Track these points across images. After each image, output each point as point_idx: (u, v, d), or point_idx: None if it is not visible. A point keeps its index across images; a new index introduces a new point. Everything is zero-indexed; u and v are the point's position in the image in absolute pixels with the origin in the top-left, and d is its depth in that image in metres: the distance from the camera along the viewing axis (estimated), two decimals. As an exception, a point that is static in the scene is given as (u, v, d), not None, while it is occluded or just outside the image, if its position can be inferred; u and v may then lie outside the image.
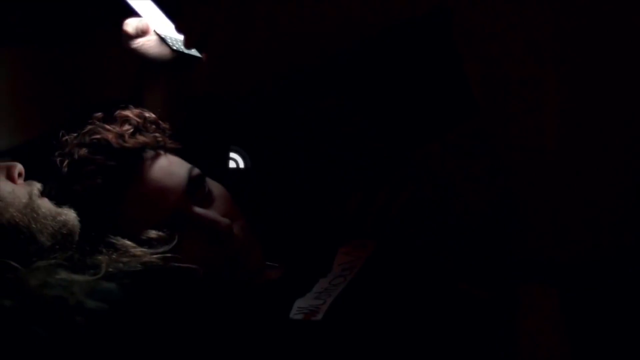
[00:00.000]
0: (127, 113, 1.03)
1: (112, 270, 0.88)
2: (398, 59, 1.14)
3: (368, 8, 1.15)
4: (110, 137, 0.99)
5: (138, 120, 1.02)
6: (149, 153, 1.01)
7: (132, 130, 1.01)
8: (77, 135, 1.01)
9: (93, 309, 0.82)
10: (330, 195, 1.16)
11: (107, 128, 1.00)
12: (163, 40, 1.10)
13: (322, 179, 1.17)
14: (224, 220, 1.00)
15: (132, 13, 1.09)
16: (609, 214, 1.15)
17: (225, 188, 1.06)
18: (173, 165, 1.02)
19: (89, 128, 1.01)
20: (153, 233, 0.96)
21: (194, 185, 1.01)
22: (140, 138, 1.01)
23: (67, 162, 0.99)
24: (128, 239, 0.94)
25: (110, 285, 0.86)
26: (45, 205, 0.91)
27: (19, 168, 0.92)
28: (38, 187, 0.92)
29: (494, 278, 1.06)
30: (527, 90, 1.13)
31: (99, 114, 1.02)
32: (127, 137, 1.00)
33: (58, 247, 0.89)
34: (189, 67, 1.13)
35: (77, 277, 0.85)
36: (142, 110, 1.04)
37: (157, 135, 1.03)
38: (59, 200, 0.93)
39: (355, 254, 1.04)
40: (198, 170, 1.02)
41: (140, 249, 0.93)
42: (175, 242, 0.96)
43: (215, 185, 1.05)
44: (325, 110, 1.17)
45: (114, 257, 0.90)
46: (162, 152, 1.03)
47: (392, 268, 1.02)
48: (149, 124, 1.04)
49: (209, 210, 1.01)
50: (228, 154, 1.24)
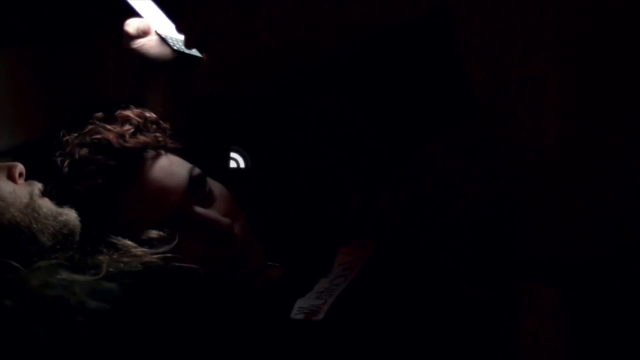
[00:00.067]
0: (127, 113, 1.03)
1: (113, 270, 0.88)
2: (398, 59, 1.14)
3: (368, 8, 1.15)
4: (111, 137, 0.99)
5: (139, 120, 1.02)
6: (150, 153, 1.01)
7: (132, 130, 1.01)
8: (77, 135, 1.01)
9: (94, 309, 0.81)
10: (331, 195, 1.16)
11: (107, 128, 1.00)
12: (164, 41, 1.10)
13: (322, 179, 1.17)
14: (225, 220, 1.00)
15: (132, 13, 1.09)
16: (609, 214, 1.15)
17: (226, 188, 1.06)
18: (174, 165, 1.02)
19: (90, 128, 1.01)
20: (154, 233, 0.96)
21: (195, 185, 1.01)
22: (141, 138, 1.01)
23: (67, 162, 0.99)
24: (129, 239, 0.94)
25: (111, 285, 0.85)
26: (46, 205, 0.91)
27: (20, 168, 0.92)
28: (39, 187, 0.92)
29: (495, 278, 1.06)
30: (527, 91, 1.14)
31: (100, 114, 1.02)
32: (127, 137, 1.00)
33: (59, 247, 0.89)
34: (190, 67, 1.13)
35: (78, 277, 0.85)
36: (142, 110, 1.04)
37: (157, 135, 1.03)
38: (60, 200, 0.93)
39: (356, 254, 1.04)
40: (199, 170, 1.02)
41: (141, 249, 0.93)
42: (176, 242, 0.95)
43: (216, 185, 1.05)
44: (326, 110, 1.17)
45: (115, 257, 0.90)
46: (162, 152, 1.03)
47: (392, 268, 1.02)
48: (150, 124, 1.03)
49: (210, 210, 1.00)
50: (229, 154, 1.24)
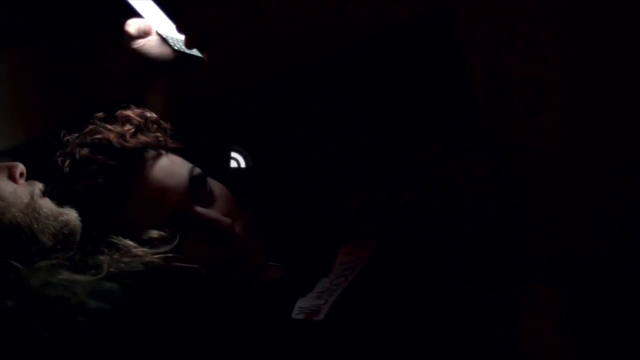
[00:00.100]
0: (128, 113, 1.03)
1: (113, 270, 0.88)
2: (399, 59, 1.14)
3: (368, 8, 1.15)
4: (112, 136, 0.99)
5: (139, 120, 1.02)
6: (151, 153, 1.01)
7: (133, 130, 1.01)
8: (78, 135, 1.01)
9: (95, 309, 0.81)
10: (332, 195, 1.16)
11: (108, 128, 1.00)
12: (164, 41, 1.10)
13: (322, 179, 1.17)
14: (226, 220, 1.00)
15: (132, 13, 1.09)
16: (609, 214, 1.15)
17: (227, 188, 1.06)
18: (174, 165, 1.02)
19: (90, 128, 1.01)
20: (154, 233, 0.96)
21: (196, 185, 1.01)
22: (142, 138, 1.01)
23: (68, 162, 0.98)
24: (129, 239, 0.94)
25: (112, 285, 0.85)
26: (47, 205, 0.91)
27: (21, 168, 0.92)
28: (40, 187, 0.92)
29: (495, 277, 1.06)
30: (528, 91, 1.14)
31: (100, 114, 1.02)
32: (128, 136, 1.00)
33: (60, 247, 0.89)
34: (191, 67, 1.13)
35: (78, 277, 0.85)
36: (143, 110, 1.04)
37: (158, 135, 1.03)
38: (61, 200, 0.93)
39: (357, 254, 1.04)
40: (199, 170, 1.02)
41: (142, 249, 0.93)
42: (177, 241, 0.95)
43: (217, 185, 1.04)
44: (326, 110, 1.17)
45: (116, 257, 0.90)
46: (163, 151, 1.03)
47: (393, 268, 1.02)
48: (151, 124, 1.04)
49: (211, 210, 1.00)
50: (229, 154, 1.24)
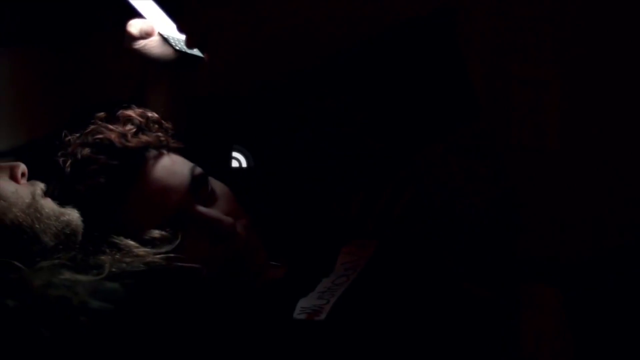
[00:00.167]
0: (129, 113, 1.03)
1: (115, 271, 0.87)
2: (401, 59, 1.14)
3: (371, 8, 1.15)
4: (113, 136, 0.99)
5: (141, 120, 1.02)
6: (152, 152, 1.01)
7: (134, 130, 1.01)
8: (79, 135, 1.01)
9: (96, 309, 0.81)
10: (332, 195, 1.16)
11: (109, 128, 1.00)
12: (166, 41, 1.10)
13: (323, 179, 1.17)
14: (227, 219, 1.00)
15: (133, 13, 1.09)
16: (610, 214, 1.15)
17: (228, 187, 1.06)
18: (176, 165, 1.02)
19: (92, 128, 1.01)
20: (156, 233, 0.96)
21: (197, 184, 1.01)
22: (143, 137, 1.01)
23: (70, 162, 0.98)
24: (131, 239, 0.93)
25: (114, 285, 0.85)
26: (49, 205, 0.91)
27: (22, 168, 0.92)
28: (41, 187, 0.92)
29: (496, 277, 1.06)
30: (529, 91, 1.14)
31: (102, 114, 1.02)
32: (129, 136, 1.00)
33: (61, 247, 0.89)
34: (192, 67, 1.13)
35: (80, 277, 0.85)
36: (144, 110, 1.04)
37: (159, 135, 1.03)
38: (62, 200, 0.93)
39: (358, 254, 1.04)
40: (200, 169, 1.02)
41: (144, 249, 0.93)
42: (178, 241, 0.95)
43: (218, 185, 1.04)
44: (326, 110, 1.17)
45: (117, 257, 0.90)
46: (164, 151, 1.03)
47: (394, 268, 1.02)
48: (152, 124, 1.04)
49: (212, 209, 1.00)
50: (230, 153, 1.24)
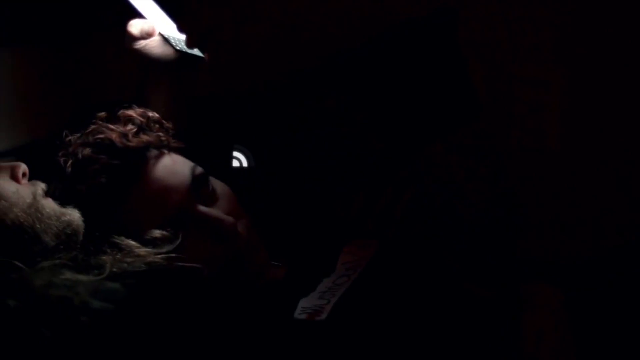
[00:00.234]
0: (130, 112, 1.03)
1: (116, 271, 0.87)
2: (401, 59, 1.14)
3: (371, 8, 1.15)
4: (114, 136, 0.99)
5: (141, 120, 1.02)
6: (153, 152, 1.01)
7: (135, 130, 1.01)
8: (80, 135, 1.00)
9: (97, 309, 0.81)
10: (333, 195, 1.16)
11: (110, 127, 1.00)
12: (166, 41, 1.10)
13: (323, 179, 1.17)
14: (228, 219, 1.00)
15: (134, 13, 1.08)
16: (610, 214, 1.15)
17: (229, 187, 1.06)
18: (177, 164, 1.02)
19: (93, 128, 1.01)
20: (157, 232, 0.96)
21: (198, 184, 1.01)
22: (144, 137, 1.01)
23: (71, 161, 0.98)
24: (132, 239, 0.93)
25: (115, 285, 0.85)
26: (50, 205, 0.90)
27: (23, 168, 0.92)
28: (42, 187, 0.92)
29: (497, 277, 1.06)
30: (530, 91, 1.14)
31: (103, 114, 1.02)
32: (130, 136, 1.00)
33: (62, 247, 0.89)
34: (192, 67, 1.13)
35: (81, 277, 0.85)
36: (145, 110, 1.04)
37: (160, 135, 1.03)
38: (63, 200, 0.93)
39: (359, 254, 1.04)
40: (201, 169, 1.02)
41: (145, 249, 0.93)
42: (179, 241, 0.95)
43: (219, 184, 1.04)
44: (327, 110, 1.17)
45: (118, 257, 0.90)
46: (165, 151, 1.03)
47: (395, 268, 1.02)
48: (153, 123, 1.04)
49: (213, 209, 1.00)
50: (231, 153, 1.24)
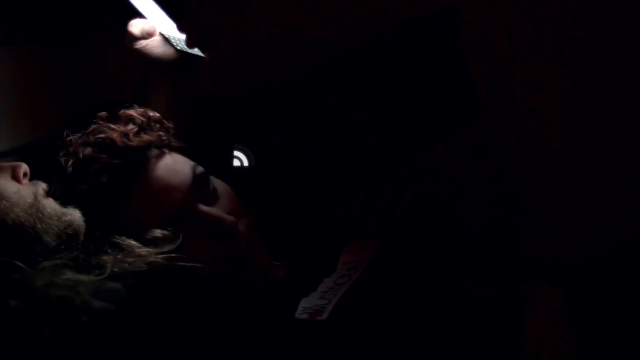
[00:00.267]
0: (131, 112, 1.03)
1: (117, 270, 0.88)
2: (402, 59, 1.14)
3: (372, 8, 1.15)
4: (115, 136, 0.99)
5: (142, 119, 1.02)
6: (154, 152, 1.01)
7: (136, 129, 1.01)
8: (81, 135, 1.00)
9: (98, 309, 0.81)
10: (333, 195, 1.16)
11: (111, 127, 1.00)
12: (167, 40, 1.10)
13: (324, 179, 1.17)
14: (229, 218, 1.00)
15: (134, 13, 1.08)
16: (611, 214, 1.15)
17: (230, 186, 1.06)
18: (177, 164, 1.02)
19: (94, 127, 1.01)
20: (158, 232, 0.96)
21: (199, 183, 1.01)
22: (145, 137, 1.01)
23: (71, 161, 0.98)
24: (133, 239, 0.93)
25: (116, 285, 0.85)
26: (51, 205, 0.90)
27: (24, 168, 0.92)
28: (43, 187, 0.92)
29: (497, 277, 1.06)
30: (530, 91, 1.14)
31: (103, 113, 1.02)
32: (131, 135, 1.00)
33: (63, 247, 0.89)
34: (193, 66, 1.13)
35: (82, 277, 0.85)
36: (146, 109, 1.04)
37: (161, 134, 1.03)
38: (64, 200, 0.93)
39: (360, 253, 1.04)
40: (202, 168, 1.02)
41: (146, 249, 0.93)
42: (180, 240, 0.95)
43: (220, 184, 1.04)
44: (327, 110, 1.17)
45: (119, 257, 0.90)
46: (166, 150, 1.03)
47: (396, 268, 1.02)
48: (153, 123, 1.04)
49: (214, 208, 1.00)
50: (232, 153, 1.24)
